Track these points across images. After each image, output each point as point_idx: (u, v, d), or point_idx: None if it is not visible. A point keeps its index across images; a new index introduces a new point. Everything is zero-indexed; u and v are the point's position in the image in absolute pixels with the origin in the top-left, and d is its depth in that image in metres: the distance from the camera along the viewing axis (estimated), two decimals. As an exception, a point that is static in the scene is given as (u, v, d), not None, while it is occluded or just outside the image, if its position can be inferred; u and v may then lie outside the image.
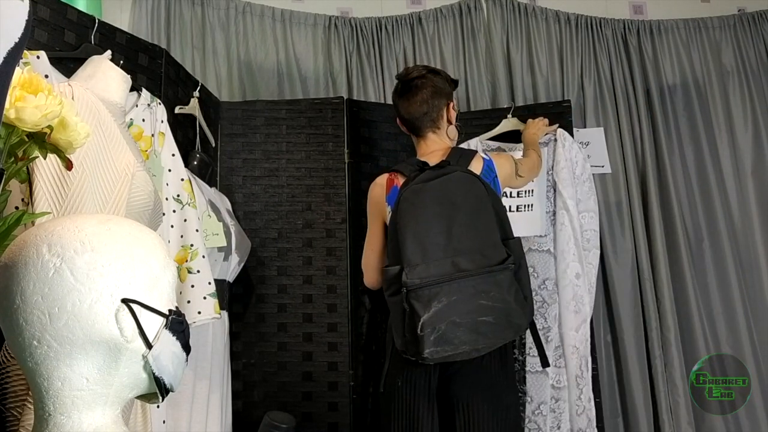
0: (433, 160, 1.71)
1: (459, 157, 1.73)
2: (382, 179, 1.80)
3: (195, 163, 1.98)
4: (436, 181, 1.58)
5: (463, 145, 2.35)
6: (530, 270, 2.18)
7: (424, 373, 1.57)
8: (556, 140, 2.25)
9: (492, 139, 2.36)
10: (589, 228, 2.18)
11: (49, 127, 0.89)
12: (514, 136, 2.35)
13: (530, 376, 2.10)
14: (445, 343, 1.43)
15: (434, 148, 1.81)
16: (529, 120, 2.23)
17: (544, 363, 1.69)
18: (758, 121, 2.87)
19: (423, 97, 1.77)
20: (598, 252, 2.21)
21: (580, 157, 2.25)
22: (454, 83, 1.91)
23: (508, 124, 2.35)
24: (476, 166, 1.72)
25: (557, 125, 2.24)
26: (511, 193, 2.23)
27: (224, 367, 1.92)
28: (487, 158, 1.76)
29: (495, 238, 1.54)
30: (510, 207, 2.23)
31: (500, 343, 1.52)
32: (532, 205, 2.23)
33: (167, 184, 1.68)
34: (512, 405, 1.61)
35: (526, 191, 2.26)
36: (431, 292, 1.45)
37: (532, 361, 2.09)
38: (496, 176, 1.74)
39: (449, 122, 1.84)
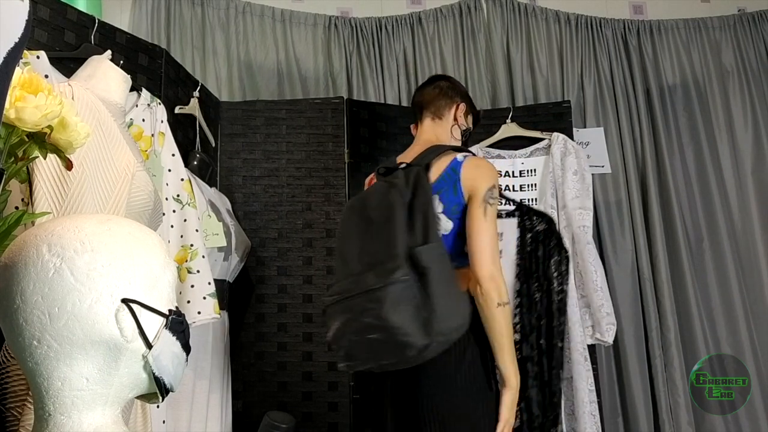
0: (409, 157, 1.60)
1: (430, 155, 1.55)
2: (367, 180, 1.78)
3: (195, 163, 1.98)
4: (364, 192, 1.55)
5: None
6: None
7: (377, 379, 1.54)
8: (551, 145, 2.26)
9: (492, 146, 2.36)
10: (581, 224, 2.17)
11: (49, 127, 0.89)
12: (514, 142, 2.35)
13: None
14: (352, 358, 1.42)
15: (423, 138, 1.68)
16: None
17: (489, 385, 1.44)
18: (758, 121, 2.87)
19: (440, 85, 1.74)
20: (593, 248, 2.19)
21: (576, 160, 2.24)
22: (474, 112, 1.78)
23: (507, 129, 2.35)
24: (439, 166, 1.53)
25: None
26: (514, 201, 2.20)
27: (224, 367, 1.92)
28: (461, 160, 1.54)
29: (395, 249, 1.38)
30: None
31: (413, 362, 1.37)
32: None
33: (167, 184, 1.68)
34: (463, 416, 1.41)
35: (530, 200, 2.23)
36: (333, 310, 1.44)
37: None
38: (459, 180, 1.51)
39: (456, 120, 1.71)
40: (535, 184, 2.26)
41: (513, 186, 2.30)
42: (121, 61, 1.56)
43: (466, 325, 1.38)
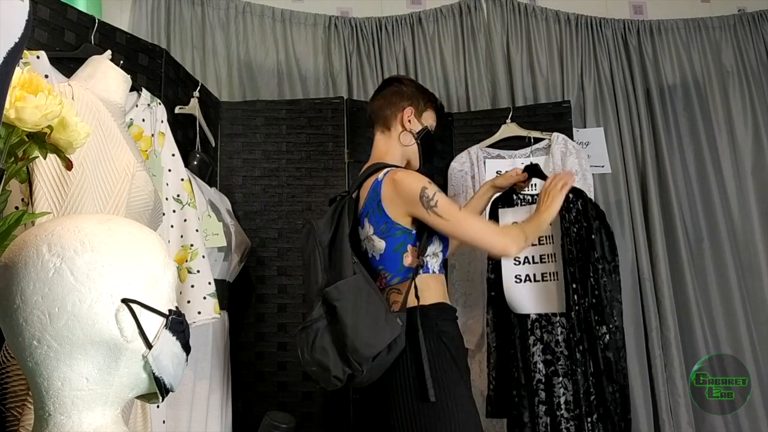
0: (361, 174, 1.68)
1: (364, 176, 1.63)
2: None
3: (195, 163, 1.98)
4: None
5: (463, 153, 2.36)
6: None
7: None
8: (551, 145, 2.25)
9: (492, 146, 2.36)
10: None
11: (49, 127, 0.89)
12: (514, 142, 2.35)
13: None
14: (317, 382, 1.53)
15: (374, 154, 1.71)
16: (558, 177, 1.75)
17: (424, 396, 1.43)
18: (758, 121, 2.87)
19: (384, 93, 1.73)
20: None
21: (577, 160, 2.24)
22: (434, 105, 1.75)
23: (507, 129, 2.35)
24: (365, 188, 1.60)
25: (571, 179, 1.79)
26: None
27: (224, 367, 1.92)
28: (380, 179, 1.56)
29: (317, 289, 1.51)
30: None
31: (355, 385, 1.50)
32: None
33: (167, 184, 1.68)
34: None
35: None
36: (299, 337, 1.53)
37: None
38: (380, 201, 1.54)
39: (403, 126, 1.68)
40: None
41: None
42: (121, 61, 1.56)
43: (390, 346, 1.43)
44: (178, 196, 1.70)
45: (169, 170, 1.70)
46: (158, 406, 1.58)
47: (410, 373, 1.45)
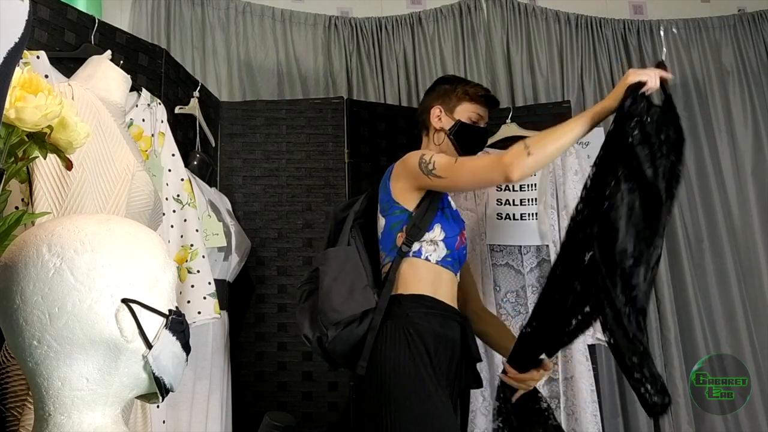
0: None
1: None
2: None
3: (195, 163, 1.98)
4: None
5: None
6: (492, 284, 2.18)
7: None
8: None
9: (492, 146, 2.36)
10: None
11: (49, 127, 0.89)
12: (514, 142, 2.34)
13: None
14: None
15: None
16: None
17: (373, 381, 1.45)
18: (758, 121, 2.87)
19: (423, 98, 1.77)
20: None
21: (577, 161, 2.24)
22: (467, 95, 1.67)
23: (507, 129, 2.34)
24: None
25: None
26: (513, 200, 2.20)
27: (224, 367, 1.92)
28: (394, 165, 1.61)
29: None
30: (512, 215, 2.20)
31: (325, 356, 1.52)
32: (536, 214, 2.19)
33: (167, 184, 1.68)
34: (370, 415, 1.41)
35: (529, 200, 2.22)
36: None
37: None
38: (389, 180, 1.58)
39: (434, 126, 1.67)
40: (535, 184, 2.26)
41: (513, 186, 2.29)
42: (121, 61, 1.56)
43: (361, 320, 1.44)
44: (178, 196, 1.70)
45: (169, 170, 1.70)
46: (158, 406, 1.58)
47: (376, 362, 1.41)
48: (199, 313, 1.66)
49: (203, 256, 1.70)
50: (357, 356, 1.43)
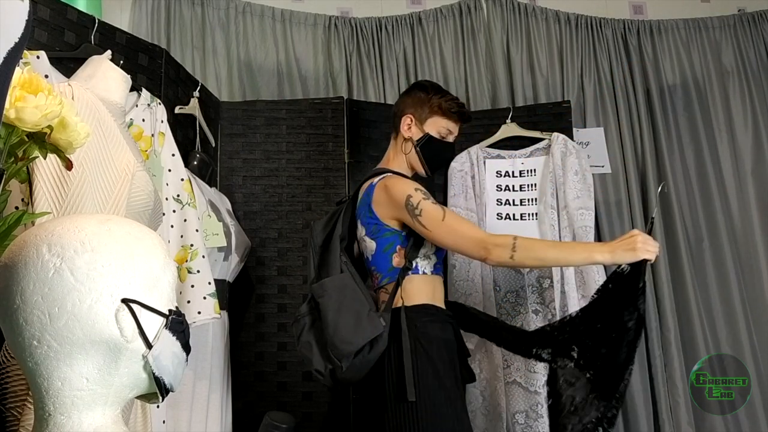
0: None
1: (363, 181, 1.68)
2: None
3: (195, 163, 1.98)
4: None
5: (463, 153, 2.35)
6: (492, 284, 2.18)
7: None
8: (551, 145, 2.25)
9: (492, 146, 2.36)
10: (583, 225, 2.17)
11: (49, 127, 0.89)
12: (514, 142, 2.34)
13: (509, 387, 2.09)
14: None
15: (384, 159, 1.77)
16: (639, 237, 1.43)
17: (403, 396, 1.44)
18: (758, 121, 2.87)
19: (398, 100, 1.79)
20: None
21: (577, 160, 2.24)
22: (438, 104, 1.68)
23: (507, 129, 2.34)
24: (362, 191, 1.64)
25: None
26: (513, 200, 2.22)
27: (224, 367, 1.92)
28: (374, 184, 1.60)
29: (309, 285, 1.61)
30: (512, 215, 2.23)
31: (338, 385, 1.56)
32: (536, 214, 2.22)
33: (167, 184, 1.68)
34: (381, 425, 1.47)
35: (529, 200, 2.25)
36: None
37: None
38: (371, 203, 1.58)
39: (403, 134, 1.69)
40: (535, 184, 2.26)
41: (513, 186, 2.29)
42: (121, 61, 1.56)
43: (372, 345, 1.45)
44: (178, 196, 1.70)
45: (169, 170, 1.70)
46: (158, 406, 1.58)
47: (393, 372, 1.46)
48: (199, 313, 1.66)
49: (203, 256, 1.70)
50: (369, 379, 1.49)
